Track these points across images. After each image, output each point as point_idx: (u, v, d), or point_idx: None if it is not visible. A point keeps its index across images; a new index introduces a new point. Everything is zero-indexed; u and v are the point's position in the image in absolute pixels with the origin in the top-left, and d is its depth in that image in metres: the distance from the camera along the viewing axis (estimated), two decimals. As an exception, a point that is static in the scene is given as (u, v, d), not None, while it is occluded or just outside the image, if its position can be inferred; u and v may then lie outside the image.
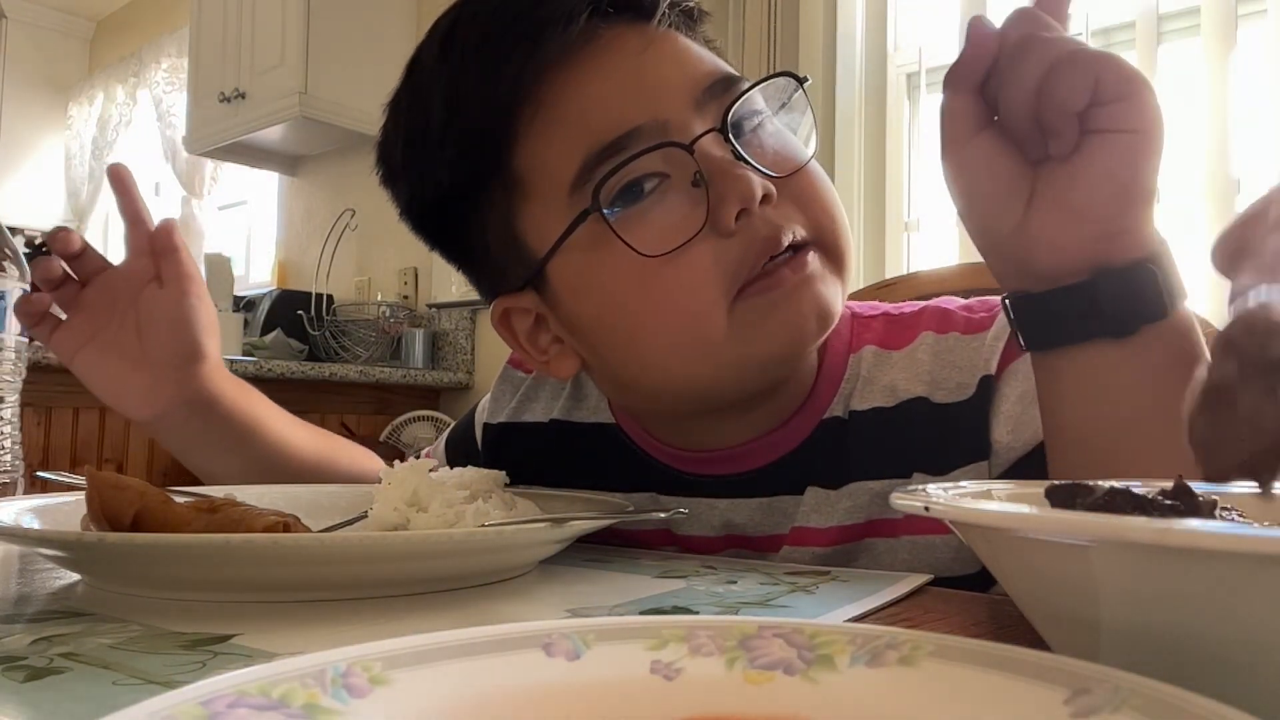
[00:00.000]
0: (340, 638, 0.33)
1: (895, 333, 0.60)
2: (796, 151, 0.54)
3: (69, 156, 4.40)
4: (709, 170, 0.50)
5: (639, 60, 0.52)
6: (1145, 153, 0.43)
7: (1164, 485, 0.29)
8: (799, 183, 0.53)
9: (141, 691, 0.26)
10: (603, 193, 0.50)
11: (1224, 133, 1.55)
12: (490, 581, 0.43)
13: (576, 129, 0.51)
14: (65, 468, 0.64)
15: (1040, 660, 0.20)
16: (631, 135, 0.50)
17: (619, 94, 0.51)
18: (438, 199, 0.57)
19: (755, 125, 0.54)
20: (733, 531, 0.60)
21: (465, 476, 0.50)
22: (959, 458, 0.55)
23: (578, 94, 0.52)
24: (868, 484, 0.56)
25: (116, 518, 0.41)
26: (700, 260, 0.50)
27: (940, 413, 0.56)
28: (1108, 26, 1.76)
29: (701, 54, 0.55)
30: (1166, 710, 0.17)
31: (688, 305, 0.51)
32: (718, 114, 0.52)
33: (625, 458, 0.63)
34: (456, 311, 2.65)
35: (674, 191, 0.51)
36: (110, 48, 4.34)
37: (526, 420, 0.69)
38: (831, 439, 0.58)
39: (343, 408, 2.47)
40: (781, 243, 0.51)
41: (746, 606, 0.39)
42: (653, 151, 0.50)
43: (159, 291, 0.68)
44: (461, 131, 0.53)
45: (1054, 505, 0.29)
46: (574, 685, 0.21)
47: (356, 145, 2.87)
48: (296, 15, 2.64)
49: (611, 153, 0.51)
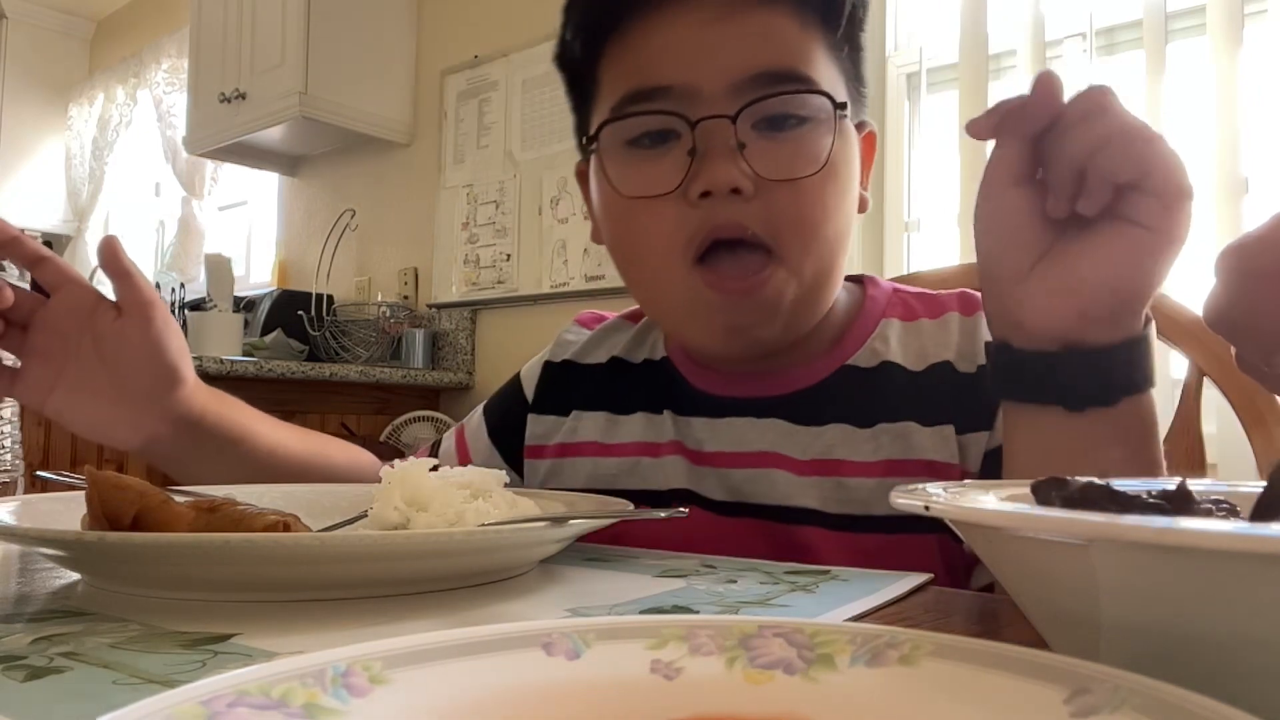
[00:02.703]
0: (340, 637, 0.33)
1: (928, 307, 0.67)
2: (797, 163, 0.57)
3: (69, 157, 4.39)
4: (702, 147, 0.56)
5: (705, 29, 0.57)
6: (1158, 255, 0.45)
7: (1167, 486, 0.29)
8: (783, 191, 0.57)
9: (141, 691, 0.26)
10: (605, 131, 0.60)
11: (1233, 131, 1.55)
12: (490, 581, 0.43)
13: (630, 67, 0.59)
14: (65, 468, 0.63)
15: (1040, 659, 0.20)
16: (661, 91, 0.57)
17: (671, 51, 0.58)
18: (568, 60, 0.66)
19: (777, 125, 0.57)
20: (766, 449, 0.64)
21: (465, 476, 0.50)
22: (977, 422, 0.61)
23: (644, 38, 0.59)
24: (892, 425, 0.62)
25: (116, 518, 0.41)
26: (665, 215, 0.58)
27: (964, 379, 0.62)
28: (1114, 25, 1.76)
29: (770, 42, 0.58)
30: (1166, 710, 0.17)
31: (649, 250, 0.60)
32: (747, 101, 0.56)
33: (670, 386, 0.70)
34: (457, 312, 2.65)
35: (676, 152, 0.57)
36: (110, 48, 4.33)
37: (589, 361, 0.75)
38: (852, 383, 0.64)
39: (343, 408, 2.47)
40: (736, 232, 0.56)
41: (746, 606, 0.39)
42: (658, 114, 0.57)
43: (121, 322, 0.63)
44: (577, 27, 0.63)
45: (1038, 501, 0.29)
46: (574, 685, 0.21)
47: (356, 145, 2.88)
48: (296, 15, 2.64)
49: (639, 98, 0.58)
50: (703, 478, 0.66)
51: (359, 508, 0.54)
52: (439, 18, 2.80)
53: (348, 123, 2.71)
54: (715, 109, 0.56)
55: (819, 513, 0.62)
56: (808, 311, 0.62)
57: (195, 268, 3.52)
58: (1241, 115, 1.55)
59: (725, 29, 0.57)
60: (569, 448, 0.72)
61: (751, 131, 0.57)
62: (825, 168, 0.58)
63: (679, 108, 0.57)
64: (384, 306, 2.70)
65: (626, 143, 0.59)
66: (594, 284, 2.32)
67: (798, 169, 0.57)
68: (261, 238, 3.62)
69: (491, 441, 0.77)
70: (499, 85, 2.58)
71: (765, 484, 0.64)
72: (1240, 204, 1.51)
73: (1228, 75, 1.56)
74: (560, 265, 2.41)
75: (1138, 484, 0.33)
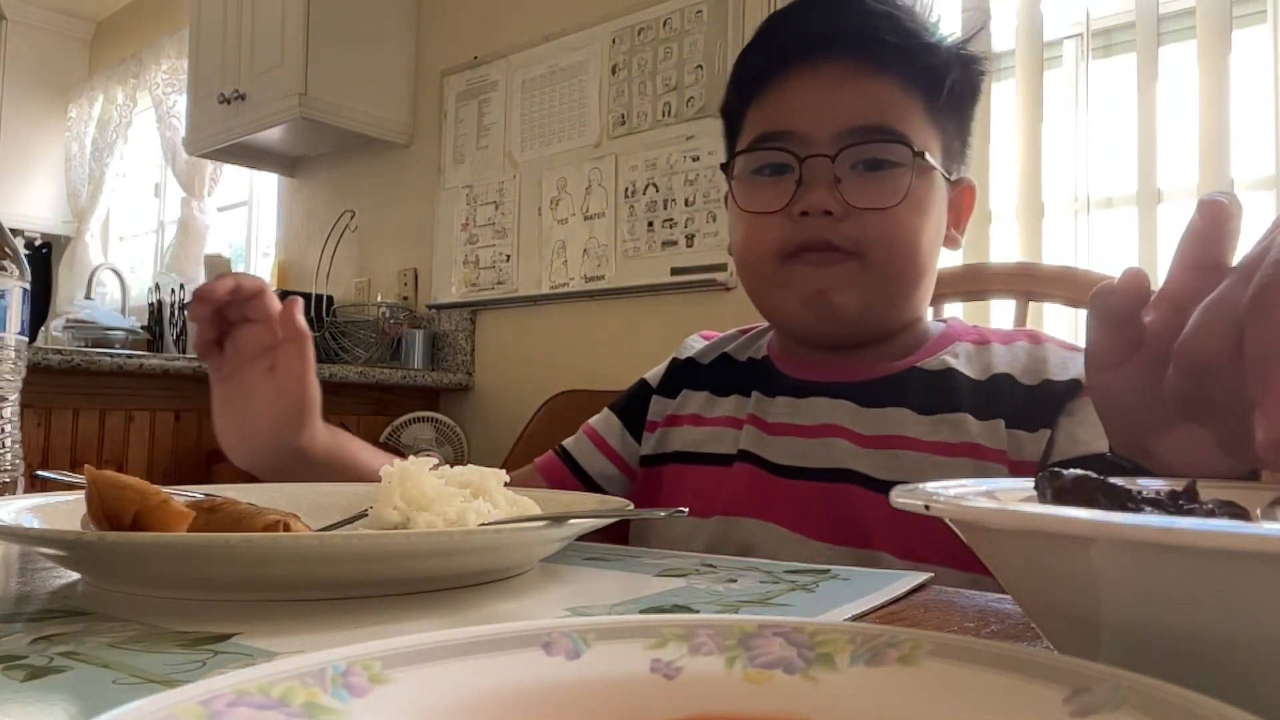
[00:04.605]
0: (340, 637, 0.33)
1: (1001, 337, 0.78)
2: (880, 196, 0.71)
3: (69, 158, 4.39)
4: (807, 178, 0.72)
5: (825, 91, 0.74)
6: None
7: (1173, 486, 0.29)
8: (867, 215, 0.71)
9: (141, 690, 0.26)
10: (739, 160, 0.77)
11: (1223, 134, 1.55)
12: (490, 581, 0.43)
13: (766, 116, 0.76)
14: (65, 468, 0.63)
15: (1040, 659, 0.20)
16: (784, 135, 0.74)
17: (796, 106, 0.75)
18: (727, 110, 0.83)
19: (872, 167, 0.72)
20: (833, 422, 0.75)
21: (465, 476, 0.50)
22: (1029, 423, 0.69)
23: (780, 95, 0.76)
24: (950, 415, 0.72)
25: (116, 517, 0.41)
26: (771, 226, 0.74)
27: (1022, 389, 0.72)
28: (1108, 27, 1.76)
29: (872, 104, 0.73)
30: (1166, 709, 0.17)
31: (754, 251, 0.76)
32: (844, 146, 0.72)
33: (765, 376, 0.83)
34: (456, 312, 2.65)
35: (787, 181, 0.73)
36: (110, 49, 4.33)
37: (703, 360, 0.89)
38: (918, 378, 0.75)
39: (342, 408, 2.47)
40: (822, 245, 0.72)
41: (746, 605, 0.39)
42: (778, 149, 0.74)
43: (271, 377, 0.74)
44: (735, 83, 0.81)
45: (1039, 496, 0.29)
46: (574, 684, 0.21)
47: (356, 146, 2.88)
48: (296, 16, 2.64)
49: (767, 139, 0.75)
50: (768, 445, 0.77)
51: (359, 507, 0.54)
52: (439, 18, 2.80)
53: (347, 123, 2.71)
54: (820, 150, 0.72)
55: (869, 477, 0.71)
56: (881, 303, 0.74)
57: (195, 268, 3.52)
58: (1230, 119, 1.55)
59: (839, 92, 0.73)
60: (675, 418, 0.86)
61: (850, 171, 0.72)
62: (904, 201, 0.71)
63: (794, 147, 0.73)
64: (383, 307, 2.70)
65: (752, 171, 0.76)
66: (593, 284, 2.32)
67: (879, 200, 0.71)
68: (261, 238, 3.63)
69: (621, 422, 0.90)
70: (499, 86, 2.58)
71: (825, 451, 0.74)
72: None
73: (1217, 79, 1.56)
74: (560, 266, 2.40)
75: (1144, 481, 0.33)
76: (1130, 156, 1.64)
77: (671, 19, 2.21)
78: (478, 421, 2.59)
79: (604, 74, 2.34)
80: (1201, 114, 1.56)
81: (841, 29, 0.75)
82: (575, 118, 2.40)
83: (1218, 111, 1.55)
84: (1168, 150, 1.61)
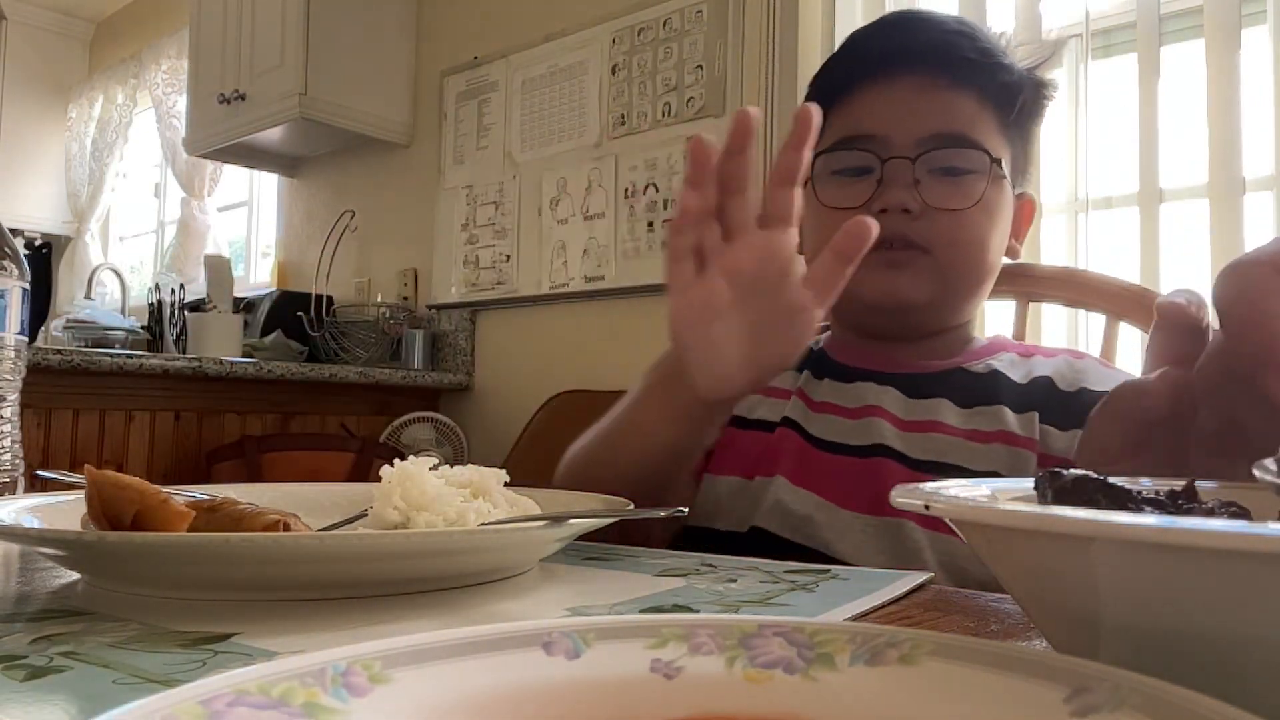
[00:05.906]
0: (340, 637, 0.33)
1: (1044, 351, 0.83)
2: (955, 198, 0.75)
3: (69, 158, 4.39)
4: (887, 179, 0.76)
5: (905, 100, 0.77)
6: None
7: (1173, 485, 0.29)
8: (942, 216, 0.75)
9: (141, 690, 0.26)
10: (819, 160, 0.79)
11: (1232, 134, 1.55)
12: (490, 580, 0.43)
13: (849, 120, 0.79)
14: (65, 468, 0.63)
15: (1040, 659, 0.20)
16: (865, 138, 0.77)
17: (879, 112, 0.78)
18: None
19: (950, 173, 0.76)
20: (877, 404, 0.79)
21: (465, 476, 0.50)
22: (1062, 421, 0.73)
23: (862, 101, 0.79)
24: (987, 408, 0.76)
25: (116, 517, 0.41)
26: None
27: (1059, 393, 0.76)
28: (1108, 27, 1.76)
29: (949, 113, 0.77)
30: (1166, 709, 0.17)
31: None
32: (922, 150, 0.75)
33: (818, 359, 0.86)
34: (456, 313, 2.65)
35: (868, 181, 0.77)
36: (110, 49, 4.33)
37: None
38: (962, 377, 0.79)
39: (343, 409, 2.47)
40: (899, 239, 0.74)
41: (746, 605, 0.39)
42: (862, 151, 0.77)
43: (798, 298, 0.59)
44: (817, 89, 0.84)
45: (1039, 497, 0.29)
46: (574, 684, 0.21)
47: (356, 146, 2.88)
48: (296, 16, 2.64)
49: (849, 142, 0.78)
50: (812, 420, 0.80)
51: (359, 507, 0.54)
52: (438, 19, 2.80)
53: (347, 124, 2.70)
54: (901, 153, 0.75)
55: (902, 455, 0.75)
56: (946, 298, 0.78)
57: (195, 268, 3.52)
58: (1240, 117, 1.55)
59: (919, 101, 0.77)
60: None
61: (928, 175, 0.75)
62: (978, 204, 0.75)
63: (876, 149, 0.76)
64: (383, 307, 2.70)
65: (833, 172, 0.79)
66: (593, 284, 2.32)
67: (955, 201, 0.75)
68: (261, 239, 3.62)
69: None
70: (498, 86, 2.58)
71: (865, 429, 0.77)
72: (1239, 205, 1.50)
73: (1225, 77, 1.56)
74: (560, 266, 2.40)
75: (1144, 481, 0.33)
76: (1130, 156, 1.64)
77: (671, 19, 2.21)
78: (478, 421, 2.59)
79: (604, 74, 2.34)
80: (1210, 113, 1.56)
81: (922, 44, 0.79)
82: (575, 118, 2.40)
83: (1226, 110, 1.55)
84: (1168, 150, 1.61)
